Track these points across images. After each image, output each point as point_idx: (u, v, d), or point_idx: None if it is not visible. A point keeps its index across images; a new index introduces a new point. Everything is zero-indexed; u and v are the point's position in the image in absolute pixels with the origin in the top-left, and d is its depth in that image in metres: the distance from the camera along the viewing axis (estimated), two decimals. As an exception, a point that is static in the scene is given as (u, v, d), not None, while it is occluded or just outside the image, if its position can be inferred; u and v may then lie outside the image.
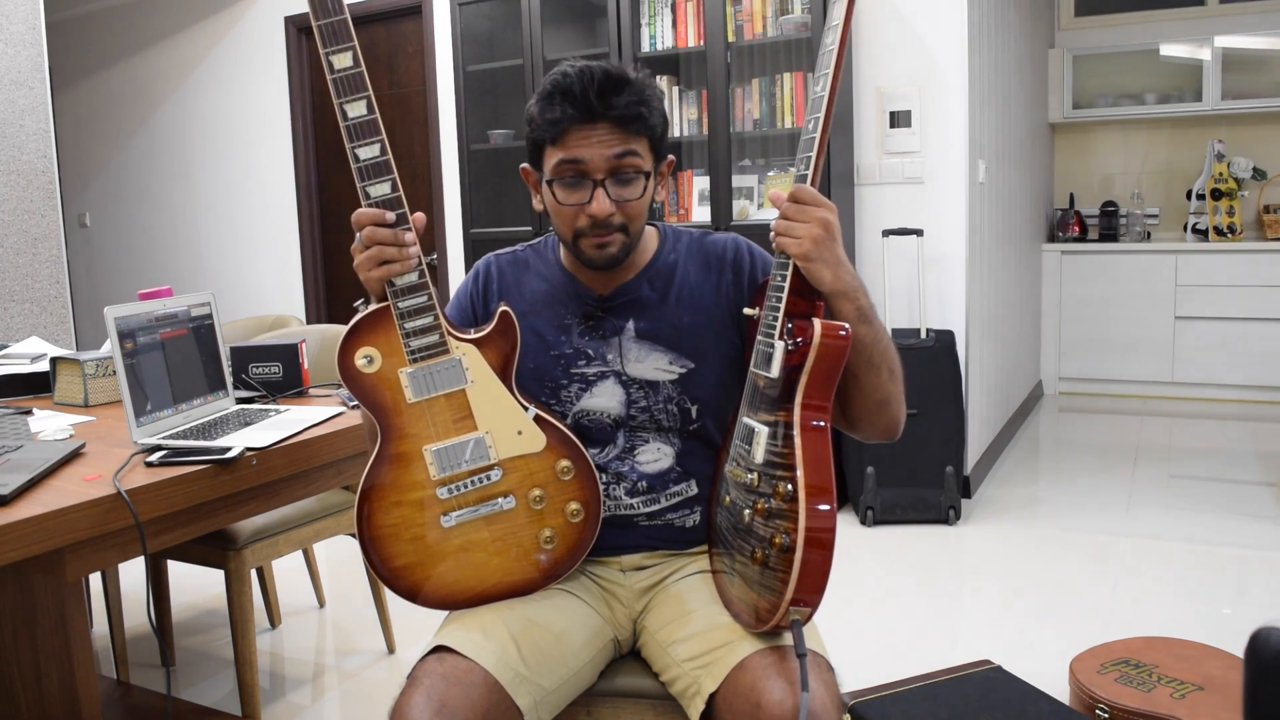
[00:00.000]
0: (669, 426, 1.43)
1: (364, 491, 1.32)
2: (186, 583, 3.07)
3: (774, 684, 1.19)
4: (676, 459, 1.44)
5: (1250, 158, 5.29)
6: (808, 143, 1.23)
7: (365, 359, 1.30)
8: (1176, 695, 1.98)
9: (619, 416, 1.43)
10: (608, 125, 1.31)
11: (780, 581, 1.18)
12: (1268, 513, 3.50)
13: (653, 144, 1.36)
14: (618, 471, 1.43)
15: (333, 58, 1.23)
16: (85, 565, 1.49)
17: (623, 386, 1.42)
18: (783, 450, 1.21)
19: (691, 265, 1.45)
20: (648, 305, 1.43)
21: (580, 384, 1.43)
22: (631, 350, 1.42)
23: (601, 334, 1.43)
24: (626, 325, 1.43)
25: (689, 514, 1.45)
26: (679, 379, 1.42)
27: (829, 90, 1.21)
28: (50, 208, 3.44)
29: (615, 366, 1.42)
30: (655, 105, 1.35)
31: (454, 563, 1.34)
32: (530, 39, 4.02)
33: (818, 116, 1.22)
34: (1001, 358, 4.44)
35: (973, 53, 3.65)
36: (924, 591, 3.00)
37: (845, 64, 3.76)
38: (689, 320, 1.42)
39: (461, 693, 1.23)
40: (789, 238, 1.21)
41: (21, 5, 3.35)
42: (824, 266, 1.21)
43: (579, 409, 1.43)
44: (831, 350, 1.20)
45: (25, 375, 2.28)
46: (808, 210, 1.21)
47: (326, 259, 5.41)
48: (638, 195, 1.35)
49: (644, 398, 1.42)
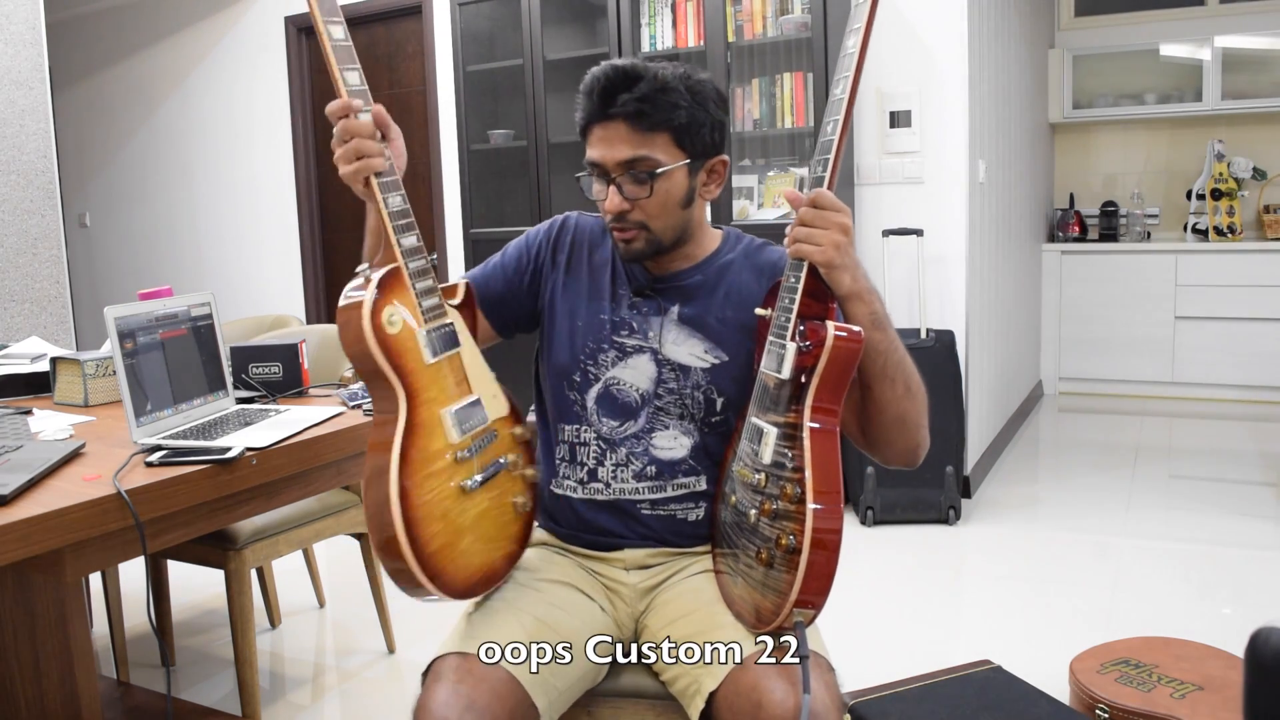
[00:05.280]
0: (692, 414, 1.44)
1: (399, 467, 1.21)
2: (186, 583, 3.07)
3: (775, 684, 1.19)
4: (691, 451, 1.44)
5: (1250, 158, 5.29)
6: (825, 145, 1.23)
7: (391, 319, 1.26)
8: (1176, 695, 1.98)
9: (646, 393, 1.44)
10: (622, 123, 1.33)
11: (785, 582, 1.18)
12: (1268, 513, 3.50)
13: (680, 139, 1.35)
14: (631, 450, 1.44)
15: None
16: (85, 565, 1.49)
17: (656, 365, 1.44)
18: (791, 452, 1.20)
19: (745, 268, 1.47)
20: (696, 294, 1.45)
21: (618, 352, 1.45)
22: (671, 332, 1.44)
23: (647, 311, 1.46)
24: (672, 308, 1.45)
25: (694, 508, 1.45)
26: (711, 368, 1.43)
27: (849, 93, 1.21)
28: (50, 208, 3.44)
29: (654, 344, 1.44)
30: (679, 100, 1.33)
31: (471, 537, 1.31)
32: (530, 39, 4.02)
33: (837, 119, 1.22)
34: (1001, 358, 4.45)
35: (973, 53, 3.65)
36: (924, 591, 3.00)
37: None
38: (732, 316, 1.44)
39: (488, 690, 1.23)
40: (810, 244, 1.22)
41: (21, 5, 3.35)
42: (844, 272, 1.22)
43: (611, 375, 1.45)
44: (844, 353, 1.20)
45: (25, 375, 2.28)
46: (828, 216, 1.22)
47: (326, 259, 5.41)
48: (647, 195, 1.35)
49: (674, 379, 1.43)
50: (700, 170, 1.40)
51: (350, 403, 2.04)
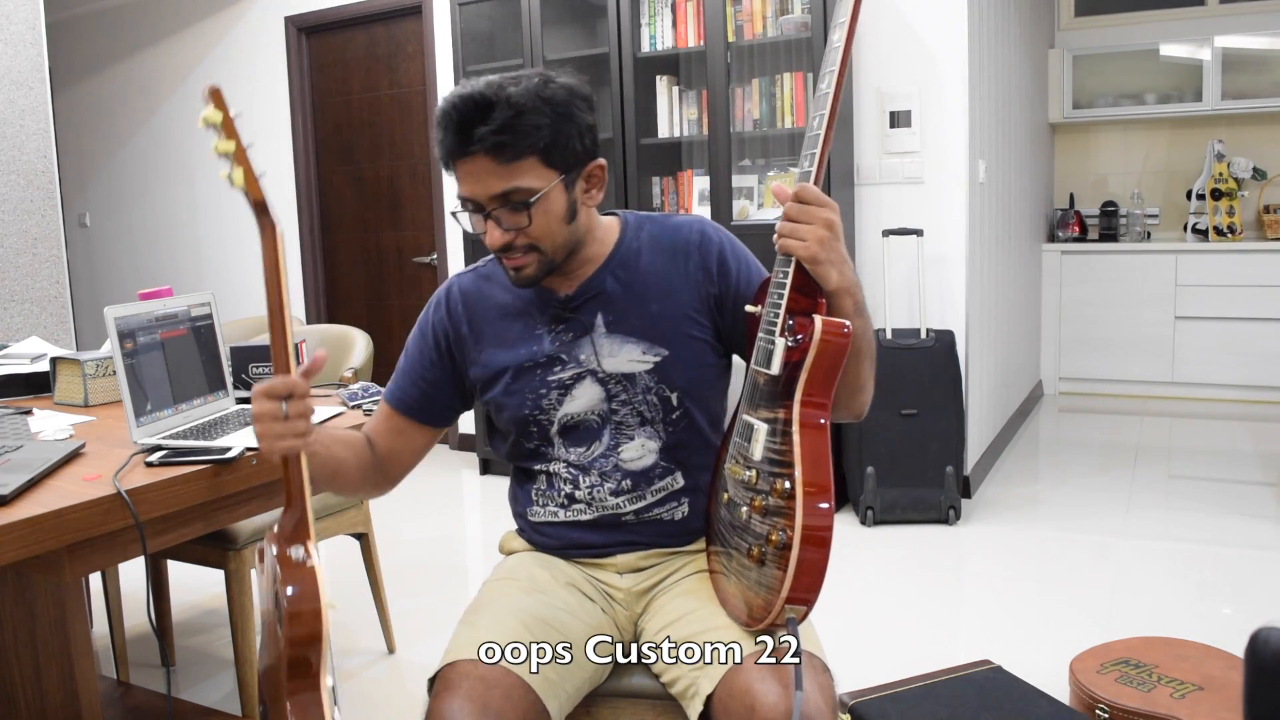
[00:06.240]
0: (652, 418, 1.42)
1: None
2: (186, 583, 3.07)
3: (768, 685, 1.19)
4: (661, 453, 1.43)
5: (1250, 158, 5.29)
6: (812, 139, 1.22)
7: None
8: (1176, 695, 1.98)
9: (602, 413, 1.42)
10: (484, 158, 1.26)
11: (777, 579, 1.18)
12: (1268, 513, 3.50)
13: (549, 159, 1.28)
14: (602, 471, 1.43)
15: None
16: (85, 565, 1.49)
17: (600, 384, 1.41)
18: (781, 447, 1.20)
19: (656, 252, 1.43)
20: (614, 298, 1.41)
21: (559, 391, 1.42)
22: (604, 345, 1.41)
23: (572, 335, 1.41)
24: (595, 321, 1.41)
25: (676, 506, 1.45)
26: (654, 368, 1.40)
27: (834, 87, 1.20)
28: (50, 208, 3.44)
29: (590, 365, 1.41)
30: (539, 119, 1.26)
31: None
32: (530, 39, 4.01)
33: (823, 113, 1.21)
34: (1001, 358, 4.45)
35: (973, 53, 3.65)
36: (924, 591, 3.00)
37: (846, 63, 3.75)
38: (657, 308, 1.41)
39: (503, 695, 1.23)
40: (795, 240, 1.20)
41: (21, 5, 3.35)
42: (831, 267, 1.20)
43: (562, 413, 1.42)
44: (832, 347, 1.20)
45: (25, 375, 2.28)
46: (812, 211, 1.20)
47: (326, 259, 5.41)
48: (527, 223, 1.29)
49: (623, 391, 1.41)
50: (577, 182, 1.33)
51: (350, 403, 2.04)
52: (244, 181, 1.25)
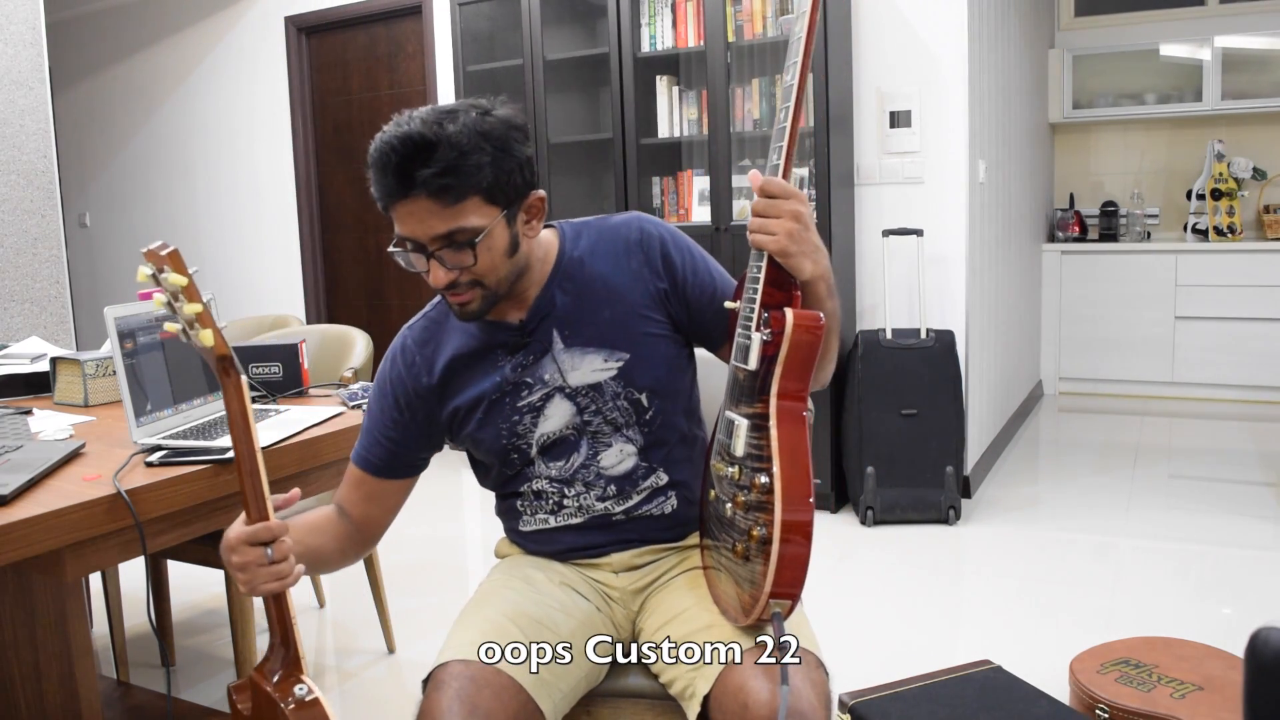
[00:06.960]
0: (625, 422, 1.42)
1: None
2: (186, 583, 3.07)
3: (761, 684, 1.19)
4: (640, 455, 1.43)
5: (1250, 158, 5.29)
6: (779, 132, 1.21)
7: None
8: (1176, 695, 1.98)
9: (576, 426, 1.42)
10: (427, 200, 1.23)
11: (760, 574, 1.19)
12: (1268, 513, 3.50)
13: (491, 197, 1.26)
14: (585, 480, 1.43)
15: None
16: (85, 565, 1.49)
17: (569, 399, 1.41)
18: (760, 442, 1.21)
19: (598, 258, 1.42)
20: (565, 313, 1.40)
21: (531, 415, 1.41)
22: (566, 361, 1.40)
23: (533, 357, 1.41)
24: (552, 339, 1.40)
25: (664, 500, 1.45)
26: (618, 373, 1.40)
27: (798, 78, 1.18)
28: (50, 208, 3.44)
29: (556, 383, 1.40)
30: (481, 159, 1.23)
31: None
32: (530, 39, 4.02)
33: (788, 106, 1.20)
34: (1001, 358, 4.45)
35: (973, 53, 3.65)
36: (924, 591, 3.00)
37: (845, 64, 3.76)
38: (609, 314, 1.40)
39: (493, 695, 1.23)
40: (764, 234, 1.19)
41: (21, 5, 3.35)
42: (803, 259, 1.19)
43: (540, 435, 1.42)
44: (806, 339, 1.20)
45: (25, 375, 2.28)
46: (779, 204, 1.18)
47: (326, 259, 5.41)
48: (471, 262, 1.27)
49: (592, 402, 1.41)
50: (518, 215, 1.32)
51: (350, 403, 2.04)
52: (213, 341, 1.27)
